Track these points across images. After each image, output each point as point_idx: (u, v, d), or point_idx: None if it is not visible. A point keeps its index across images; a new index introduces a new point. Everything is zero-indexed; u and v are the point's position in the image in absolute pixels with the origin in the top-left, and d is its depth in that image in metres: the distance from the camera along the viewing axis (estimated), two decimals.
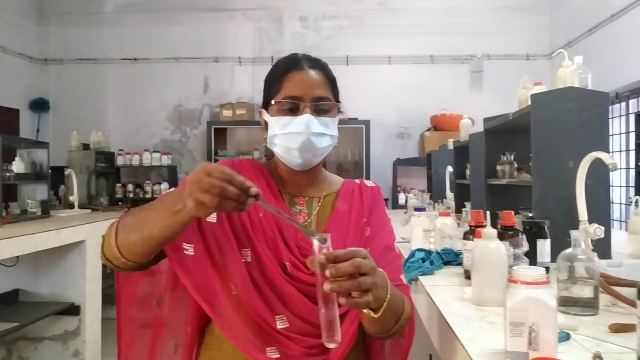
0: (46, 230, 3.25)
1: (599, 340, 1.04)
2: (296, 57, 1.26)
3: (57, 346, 3.68)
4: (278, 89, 1.22)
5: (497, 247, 1.39)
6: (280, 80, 1.22)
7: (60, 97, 7.24)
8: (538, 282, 0.90)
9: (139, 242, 1.06)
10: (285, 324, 1.13)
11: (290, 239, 1.18)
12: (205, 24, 7.12)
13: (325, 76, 1.25)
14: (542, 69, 6.64)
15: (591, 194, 1.83)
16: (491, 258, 1.37)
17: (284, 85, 1.21)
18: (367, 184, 1.37)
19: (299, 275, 1.16)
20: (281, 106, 1.20)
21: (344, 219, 1.26)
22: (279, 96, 1.21)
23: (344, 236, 1.23)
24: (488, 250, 1.38)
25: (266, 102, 1.26)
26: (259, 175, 1.27)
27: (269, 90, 1.25)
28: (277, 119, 1.21)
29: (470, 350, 1.00)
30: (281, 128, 1.20)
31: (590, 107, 1.98)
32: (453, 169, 4.29)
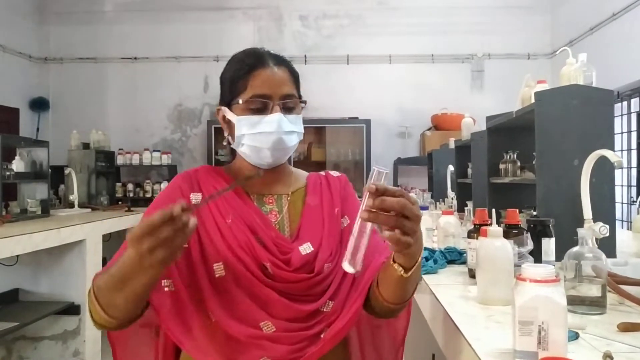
0: (46, 230, 3.24)
1: (608, 339, 1.03)
2: (260, 53, 1.23)
3: (57, 346, 3.67)
4: (244, 87, 1.18)
5: (503, 246, 1.37)
6: (246, 77, 1.18)
7: (60, 96, 7.22)
8: (548, 280, 0.88)
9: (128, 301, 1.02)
10: (271, 329, 1.12)
11: (267, 238, 1.16)
12: (205, 23, 7.10)
13: (290, 73, 1.24)
14: (543, 68, 6.63)
15: (596, 193, 1.82)
16: (497, 257, 1.36)
17: (251, 84, 1.18)
18: (333, 174, 1.37)
19: (281, 274, 1.14)
20: (249, 105, 1.18)
21: (316, 212, 1.26)
22: (245, 94, 1.18)
23: (319, 230, 1.23)
24: (494, 248, 1.37)
25: (228, 100, 1.22)
26: (220, 180, 1.24)
27: (232, 88, 1.21)
28: (245, 119, 1.18)
29: (478, 350, 0.98)
30: (250, 127, 1.18)
31: (595, 105, 1.96)
32: (454, 168, 4.28)
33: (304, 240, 1.19)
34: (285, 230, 1.22)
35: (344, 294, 1.19)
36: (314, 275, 1.16)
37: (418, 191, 5.76)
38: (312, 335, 1.14)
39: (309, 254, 1.17)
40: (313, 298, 1.17)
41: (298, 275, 1.15)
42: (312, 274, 1.16)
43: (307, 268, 1.17)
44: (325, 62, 6.85)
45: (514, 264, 1.63)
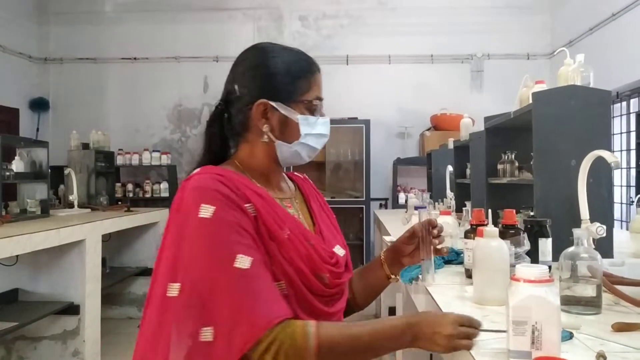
0: (46, 230, 3.24)
1: (602, 339, 1.03)
2: (309, 56, 1.24)
3: (56, 346, 3.67)
4: (307, 86, 1.16)
5: (499, 246, 1.38)
6: (309, 77, 1.17)
7: (60, 97, 7.23)
8: (541, 280, 0.89)
9: None
10: None
11: (317, 244, 1.13)
12: (205, 24, 7.11)
13: None
14: (542, 68, 6.64)
15: (593, 193, 1.82)
16: (493, 257, 1.36)
17: (314, 85, 1.18)
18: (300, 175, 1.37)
19: (335, 282, 1.15)
20: (310, 106, 1.16)
21: (324, 215, 1.29)
22: (309, 94, 1.16)
23: (334, 231, 1.27)
24: (489, 248, 1.37)
25: (284, 96, 1.14)
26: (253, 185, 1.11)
27: (292, 84, 1.15)
28: (308, 118, 1.16)
29: (473, 350, 0.99)
30: (310, 127, 1.16)
31: (593, 105, 1.96)
32: (453, 169, 4.28)
33: (332, 243, 1.21)
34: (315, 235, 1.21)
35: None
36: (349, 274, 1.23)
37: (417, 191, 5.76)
38: None
39: (344, 256, 1.22)
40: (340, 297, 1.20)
41: (346, 276, 1.20)
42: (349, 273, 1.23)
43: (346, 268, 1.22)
44: (324, 62, 6.76)
45: (511, 264, 1.64)
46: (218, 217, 1.00)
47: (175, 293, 0.98)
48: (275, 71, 1.16)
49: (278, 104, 1.14)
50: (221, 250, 0.98)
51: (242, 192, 1.05)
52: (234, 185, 1.05)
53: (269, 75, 1.15)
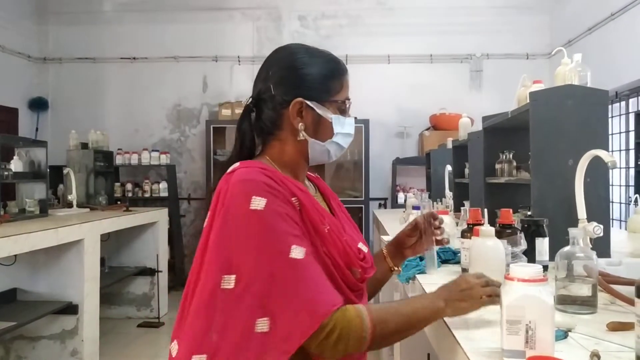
0: (44, 229, 3.24)
1: (597, 338, 1.03)
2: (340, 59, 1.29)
3: (55, 345, 3.68)
4: (339, 87, 1.22)
5: (495, 245, 1.38)
6: (341, 79, 1.23)
7: (59, 96, 7.23)
8: (535, 280, 0.89)
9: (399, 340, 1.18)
10: None
11: (352, 244, 1.18)
12: (204, 23, 7.11)
13: None
14: (542, 68, 6.63)
15: (590, 193, 1.82)
16: (489, 256, 1.37)
17: (345, 86, 1.24)
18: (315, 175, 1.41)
19: (365, 276, 1.19)
20: (341, 106, 1.22)
21: (342, 212, 1.33)
22: (340, 95, 1.22)
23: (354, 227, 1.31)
24: (485, 248, 1.38)
25: (319, 96, 1.18)
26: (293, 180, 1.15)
27: (326, 84, 1.20)
28: (340, 118, 1.21)
29: (467, 349, 0.99)
30: (341, 127, 1.21)
31: (590, 105, 1.97)
32: (452, 168, 4.28)
33: (354, 239, 1.24)
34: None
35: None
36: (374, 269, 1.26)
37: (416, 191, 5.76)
38: None
39: (368, 252, 1.25)
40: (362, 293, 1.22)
41: (371, 274, 1.23)
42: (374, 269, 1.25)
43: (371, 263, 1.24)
44: None
45: (507, 264, 1.64)
46: (270, 209, 1.02)
47: (230, 285, 0.99)
48: (310, 71, 1.20)
49: (314, 103, 1.18)
50: (276, 242, 1.00)
51: (286, 186, 1.08)
52: (279, 179, 1.08)
53: (305, 76, 1.19)
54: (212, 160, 6.58)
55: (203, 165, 6.92)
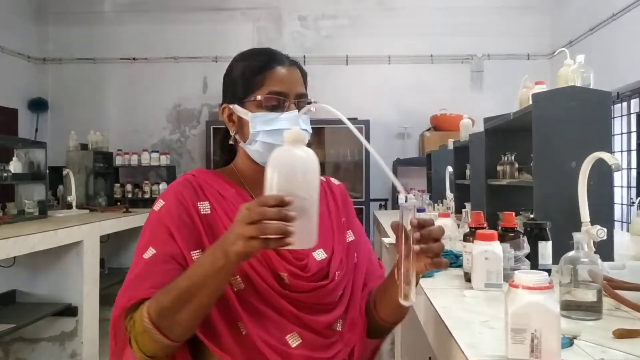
0: (44, 231, 3.23)
1: (603, 346, 1.01)
2: (273, 51, 1.23)
3: (54, 347, 3.66)
4: (260, 83, 1.16)
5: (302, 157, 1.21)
6: (262, 74, 1.16)
7: (59, 97, 7.21)
8: (540, 287, 0.87)
9: (192, 317, 0.99)
10: (297, 340, 1.10)
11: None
12: (204, 24, 7.09)
13: (302, 73, 1.23)
14: (543, 68, 6.61)
15: (594, 195, 1.80)
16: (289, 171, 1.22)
17: (268, 81, 1.16)
18: (334, 182, 1.37)
19: (298, 284, 1.12)
20: (266, 102, 1.15)
21: (325, 219, 1.24)
22: (261, 91, 1.16)
23: (329, 237, 1.22)
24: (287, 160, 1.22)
25: (241, 96, 1.18)
26: (224, 184, 1.19)
27: (246, 84, 1.18)
28: (261, 115, 1.15)
29: (470, 356, 0.97)
30: (266, 124, 1.15)
31: (593, 107, 1.95)
32: (453, 169, 4.26)
33: (317, 246, 1.16)
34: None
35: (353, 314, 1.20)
36: (328, 282, 1.16)
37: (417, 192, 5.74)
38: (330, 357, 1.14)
39: (323, 260, 1.17)
40: (326, 308, 1.16)
41: (314, 283, 1.14)
42: (327, 281, 1.16)
43: (320, 274, 1.16)
44: (324, 62, 6.83)
45: (510, 268, 1.62)
46: (161, 211, 1.14)
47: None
48: (233, 75, 1.21)
49: (234, 106, 1.19)
50: (144, 241, 1.12)
51: (202, 191, 1.15)
52: (198, 184, 1.16)
53: (228, 80, 1.22)
54: (212, 161, 6.56)
55: (203, 166, 6.90)
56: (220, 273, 0.94)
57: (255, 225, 0.85)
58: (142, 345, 1.02)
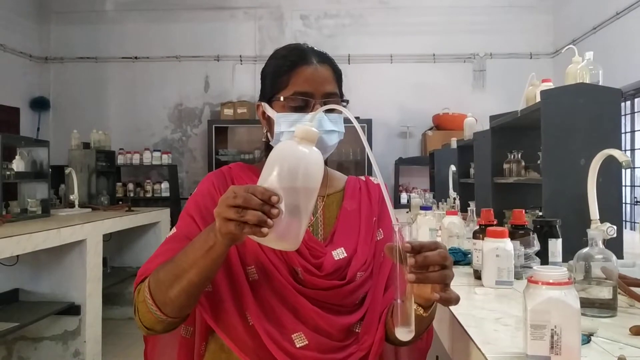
0: (46, 229, 3.21)
1: (620, 343, 1.00)
2: (303, 49, 1.20)
3: (57, 346, 3.65)
4: (285, 83, 1.14)
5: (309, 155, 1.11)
6: (288, 74, 1.14)
7: (61, 96, 7.20)
8: (560, 283, 0.86)
9: (182, 295, 0.99)
10: (303, 341, 1.08)
11: (306, 243, 1.12)
12: (206, 23, 7.08)
13: (333, 71, 1.20)
14: (545, 67, 6.60)
15: (603, 193, 1.79)
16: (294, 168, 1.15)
17: (293, 80, 1.14)
18: (373, 180, 1.32)
19: (312, 281, 1.10)
20: (289, 102, 1.14)
21: (353, 218, 1.22)
22: (286, 91, 1.14)
23: (354, 236, 1.19)
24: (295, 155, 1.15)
25: (269, 96, 1.18)
26: (253, 176, 1.19)
27: (273, 84, 1.17)
28: (285, 116, 1.14)
29: (488, 354, 0.96)
30: (289, 125, 1.13)
31: (602, 104, 1.93)
32: (456, 168, 4.25)
33: (338, 245, 1.16)
34: (319, 233, 1.19)
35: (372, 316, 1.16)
36: (345, 282, 1.13)
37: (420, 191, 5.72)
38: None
39: (342, 260, 1.14)
40: (346, 310, 1.14)
41: (329, 281, 1.11)
42: (344, 281, 1.13)
43: (339, 274, 1.13)
44: None
45: (521, 265, 1.61)
46: (192, 197, 1.20)
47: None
48: (265, 73, 1.21)
49: (265, 105, 1.19)
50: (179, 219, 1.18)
51: (232, 182, 1.18)
52: (230, 176, 1.20)
53: (263, 78, 1.22)
54: (214, 160, 6.56)
55: (205, 165, 6.90)
56: (210, 253, 0.93)
57: (235, 209, 0.84)
58: (142, 314, 1.05)
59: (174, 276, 0.98)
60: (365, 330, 1.15)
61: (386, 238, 1.23)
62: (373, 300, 1.17)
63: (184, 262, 0.97)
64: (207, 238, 0.93)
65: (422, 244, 0.88)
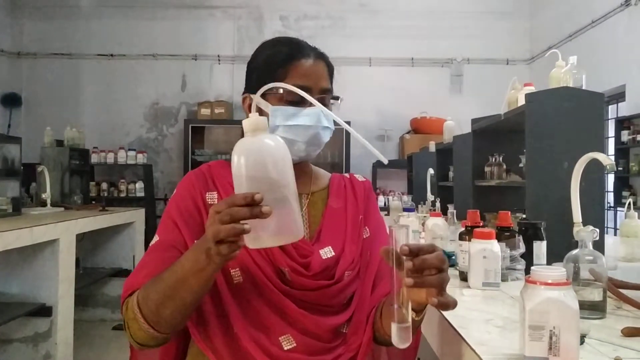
0: (17, 228, 3.12)
1: (614, 344, 1.00)
2: (299, 42, 1.17)
3: (27, 348, 3.55)
4: (283, 75, 1.10)
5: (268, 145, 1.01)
6: (285, 66, 1.11)
7: (33, 92, 7.05)
8: (559, 283, 0.85)
9: (176, 314, 0.97)
10: (291, 344, 1.06)
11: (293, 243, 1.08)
12: (184, 21, 7.01)
13: (327, 66, 1.18)
14: (522, 73, 6.67)
15: (585, 196, 1.80)
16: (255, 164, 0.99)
17: (291, 73, 1.11)
18: (358, 178, 1.30)
19: (300, 281, 1.08)
20: (288, 96, 1.09)
21: (339, 216, 1.19)
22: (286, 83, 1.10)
23: (341, 235, 1.17)
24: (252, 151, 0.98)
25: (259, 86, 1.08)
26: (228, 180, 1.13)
27: (267, 75, 1.11)
28: (282, 109, 1.10)
29: (483, 356, 0.94)
30: (286, 119, 1.10)
31: (586, 108, 1.95)
32: (435, 171, 4.27)
33: (325, 244, 1.13)
34: (305, 232, 1.15)
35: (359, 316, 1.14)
36: (333, 282, 1.10)
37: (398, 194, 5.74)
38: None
39: (330, 259, 1.12)
40: (333, 310, 1.12)
41: (317, 282, 1.09)
42: (332, 281, 1.10)
43: (326, 274, 1.11)
44: None
45: (507, 267, 1.61)
46: (172, 200, 1.15)
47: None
48: (256, 65, 1.17)
49: (256, 97, 1.08)
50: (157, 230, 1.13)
51: (213, 182, 1.14)
52: (210, 175, 1.15)
53: (252, 70, 1.17)
54: (190, 160, 6.49)
55: (181, 165, 6.82)
56: (202, 273, 0.90)
57: (225, 226, 0.80)
58: (133, 332, 1.01)
59: (166, 297, 0.95)
60: (353, 331, 1.13)
61: (372, 236, 1.22)
62: (360, 300, 1.16)
63: (175, 282, 0.93)
64: (198, 259, 0.88)
65: (419, 246, 0.85)
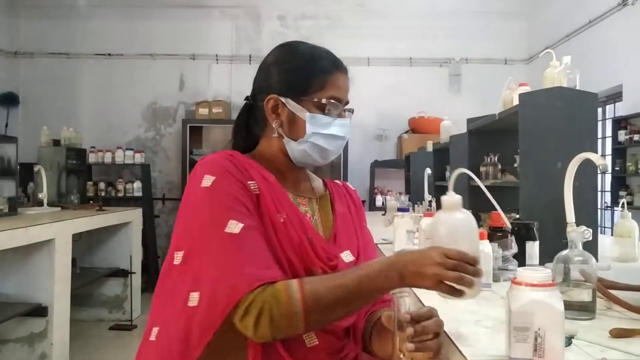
0: (14, 228, 3.12)
1: (601, 345, 0.99)
2: (333, 55, 1.22)
3: (22, 349, 3.54)
4: (322, 85, 1.14)
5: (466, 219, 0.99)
6: (325, 76, 1.15)
7: (31, 92, 7.03)
8: (544, 284, 0.85)
9: (342, 316, 1.03)
10: (314, 341, 1.07)
11: (316, 241, 1.10)
12: (182, 21, 7.00)
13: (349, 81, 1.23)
14: (520, 73, 6.67)
15: (579, 196, 1.79)
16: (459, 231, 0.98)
17: (330, 84, 1.15)
18: (350, 186, 1.36)
19: None
20: (321, 105, 1.14)
21: (348, 221, 1.24)
22: (322, 93, 1.13)
23: (354, 239, 1.22)
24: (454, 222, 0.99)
25: (297, 92, 1.14)
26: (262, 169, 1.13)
27: (305, 81, 1.14)
28: (319, 117, 1.13)
29: (469, 357, 0.94)
30: (321, 127, 1.14)
31: (579, 108, 1.95)
32: (432, 171, 4.26)
33: (343, 247, 1.17)
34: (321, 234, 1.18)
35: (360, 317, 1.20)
36: None
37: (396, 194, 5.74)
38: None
39: (351, 263, 1.15)
40: None
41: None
42: None
43: None
44: None
45: (499, 268, 1.61)
46: (216, 185, 1.03)
47: (178, 261, 1.02)
48: (292, 67, 1.17)
49: (287, 100, 1.14)
50: (215, 217, 1.00)
51: (247, 171, 1.08)
52: (240, 164, 1.09)
53: (286, 72, 1.16)
54: (187, 159, 6.48)
55: (178, 165, 6.82)
56: (385, 290, 0.97)
57: (453, 273, 0.90)
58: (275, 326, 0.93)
59: (346, 301, 0.97)
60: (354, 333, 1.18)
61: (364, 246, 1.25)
62: None
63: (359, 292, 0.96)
64: (389, 279, 0.94)
65: (419, 313, 0.95)
